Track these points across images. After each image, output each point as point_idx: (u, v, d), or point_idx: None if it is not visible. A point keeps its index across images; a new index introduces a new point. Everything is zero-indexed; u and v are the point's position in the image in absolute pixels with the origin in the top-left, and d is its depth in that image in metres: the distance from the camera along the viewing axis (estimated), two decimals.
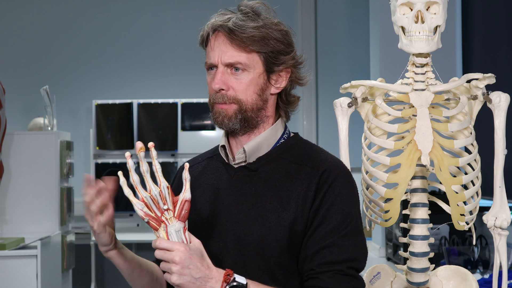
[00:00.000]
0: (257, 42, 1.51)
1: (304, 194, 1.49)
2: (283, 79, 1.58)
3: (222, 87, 1.53)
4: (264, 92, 1.56)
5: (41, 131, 4.17)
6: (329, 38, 5.61)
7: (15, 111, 5.29)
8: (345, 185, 1.51)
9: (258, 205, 1.51)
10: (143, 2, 5.71)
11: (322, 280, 1.43)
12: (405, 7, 1.72)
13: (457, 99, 1.79)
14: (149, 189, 1.40)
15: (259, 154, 1.57)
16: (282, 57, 1.55)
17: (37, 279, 3.49)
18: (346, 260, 1.44)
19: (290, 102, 1.62)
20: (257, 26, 1.52)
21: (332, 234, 1.45)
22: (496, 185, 1.77)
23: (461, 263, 2.81)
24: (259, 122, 1.57)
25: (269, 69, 1.55)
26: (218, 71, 1.53)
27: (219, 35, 1.53)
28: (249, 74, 1.53)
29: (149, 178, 1.41)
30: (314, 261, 1.44)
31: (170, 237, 1.39)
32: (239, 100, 1.53)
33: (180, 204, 1.40)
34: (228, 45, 1.52)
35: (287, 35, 1.57)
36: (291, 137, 1.62)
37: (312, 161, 1.54)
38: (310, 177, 1.51)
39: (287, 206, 1.49)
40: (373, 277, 1.83)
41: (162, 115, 5.28)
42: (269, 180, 1.53)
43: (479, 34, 3.54)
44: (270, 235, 1.47)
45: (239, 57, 1.51)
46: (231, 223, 1.52)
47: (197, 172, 1.67)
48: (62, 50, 5.64)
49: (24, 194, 3.86)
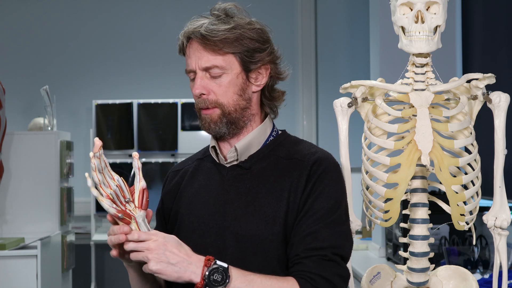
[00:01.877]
0: (230, 43, 1.54)
1: (296, 185, 1.52)
2: (262, 76, 1.60)
3: (202, 92, 1.56)
4: (245, 92, 1.58)
5: (41, 131, 4.17)
6: (329, 38, 5.60)
7: (15, 111, 5.29)
8: (334, 176, 1.54)
9: (254, 201, 1.53)
10: (143, 2, 5.71)
11: (305, 264, 1.45)
12: (405, 7, 1.72)
13: (457, 99, 1.79)
14: (108, 185, 1.43)
15: (250, 153, 1.60)
16: (257, 54, 1.57)
17: (37, 279, 3.49)
18: (330, 247, 1.46)
19: (274, 98, 1.64)
20: (229, 28, 1.54)
21: (317, 221, 1.48)
22: (496, 185, 1.77)
23: (461, 263, 2.81)
24: (245, 121, 1.60)
25: (246, 68, 1.57)
26: (197, 76, 1.57)
27: (193, 42, 1.57)
28: (227, 76, 1.56)
29: (106, 174, 1.44)
30: (299, 247, 1.47)
31: (140, 228, 1.42)
32: (220, 104, 1.56)
33: (139, 193, 1.44)
34: (203, 51, 1.55)
35: (262, 33, 1.59)
36: (279, 134, 1.66)
37: (302, 153, 1.58)
38: (301, 168, 1.54)
39: (280, 198, 1.52)
40: (373, 277, 1.83)
41: (162, 115, 5.28)
42: (262, 177, 1.56)
43: (479, 34, 3.54)
44: (267, 230, 1.50)
45: (214, 61, 1.55)
46: (228, 221, 1.53)
47: (189, 174, 1.69)
48: (62, 50, 5.64)
49: (24, 194, 3.86)
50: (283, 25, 5.52)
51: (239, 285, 1.40)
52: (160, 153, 5.30)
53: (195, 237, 1.56)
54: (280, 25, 5.47)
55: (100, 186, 1.42)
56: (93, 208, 5.11)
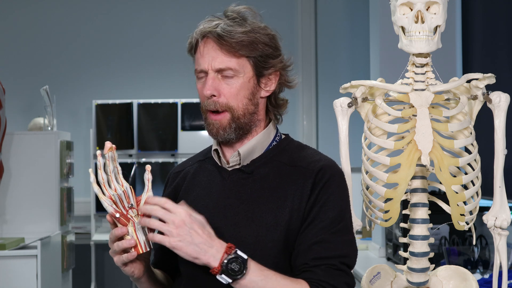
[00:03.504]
0: (246, 46, 1.53)
1: (300, 193, 1.51)
2: (272, 82, 1.59)
3: (213, 93, 1.54)
4: (255, 96, 1.57)
5: (41, 131, 4.17)
6: (329, 38, 5.60)
7: (15, 111, 5.29)
8: (338, 185, 1.54)
9: (255, 206, 1.52)
10: (142, 3, 5.71)
11: (315, 272, 1.45)
12: (405, 7, 1.72)
13: (457, 99, 1.79)
14: (114, 188, 1.43)
15: (253, 157, 1.59)
16: (271, 60, 1.57)
17: (37, 279, 3.49)
18: (338, 256, 1.48)
19: (279, 105, 1.64)
20: (245, 31, 1.53)
21: (323, 230, 1.48)
22: (496, 185, 1.77)
23: (461, 263, 2.81)
24: (251, 126, 1.59)
25: (259, 73, 1.56)
26: (209, 77, 1.54)
27: (208, 41, 1.54)
28: (239, 79, 1.54)
29: (114, 177, 1.44)
30: (307, 256, 1.47)
31: (138, 234, 1.42)
32: (231, 107, 1.54)
33: (144, 202, 1.44)
34: (218, 51, 1.53)
35: (274, 39, 1.59)
36: (283, 139, 1.65)
37: (306, 161, 1.57)
38: (305, 176, 1.53)
39: (282, 205, 1.51)
40: (373, 277, 1.83)
41: (162, 115, 5.28)
42: (264, 182, 1.55)
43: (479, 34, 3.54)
44: (267, 236, 1.49)
45: (229, 63, 1.53)
46: (227, 225, 1.52)
47: (190, 174, 1.68)
48: (62, 50, 5.64)
49: (24, 194, 3.86)
50: (283, 25, 5.51)
51: (254, 278, 1.39)
52: (160, 153, 5.30)
53: None
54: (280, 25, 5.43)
55: (104, 186, 1.43)
56: (93, 208, 5.11)
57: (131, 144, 5.24)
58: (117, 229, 1.43)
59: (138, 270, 1.50)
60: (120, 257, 1.45)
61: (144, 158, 5.25)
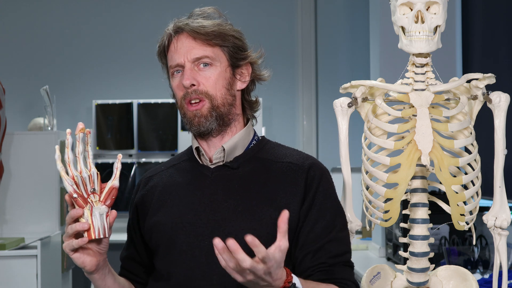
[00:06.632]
0: (218, 37, 1.58)
1: (292, 189, 1.54)
2: (246, 75, 1.64)
3: (193, 82, 1.57)
4: (232, 87, 1.61)
5: (41, 131, 4.17)
6: (329, 38, 5.60)
7: (15, 111, 5.29)
8: (330, 182, 1.61)
9: (244, 200, 1.53)
10: (142, 3, 5.71)
11: (335, 271, 1.51)
12: (405, 7, 1.72)
13: (457, 99, 1.79)
14: (79, 170, 1.43)
15: (235, 154, 1.61)
16: (243, 52, 1.62)
17: (37, 279, 3.49)
18: (346, 252, 1.56)
19: (252, 102, 1.68)
20: (214, 23, 1.59)
21: (330, 229, 1.53)
22: (496, 185, 1.77)
23: (461, 263, 2.81)
24: (231, 120, 1.61)
25: (233, 63, 1.61)
26: (186, 68, 1.58)
27: (181, 37, 1.61)
28: (216, 69, 1.58)
29: (81, 160, 1.44)
30: (322, 255, 1.51)
31: (93, 218, 1.41)
32: (210, 96, 1.57)
33: (108, 189, 1.44)
34: (193, 42, 1.58)
35: (241, 34, 1.64)
36: (261, 140, 1.68)
37: (293, 157, 1.61)
38: (296, 173, 1.56)
39: (274, 202, 1.52)
40: (373, 277, 1.83)
41: (162, 115, 5.28)
42: (251, 177, 1.57)
43: (479, 34, 3.54)
44: (261, 230, 1.49)
45: (205, 51, 1.57)
46: (218, 220, 1.53)
47: (165, 179, 1.66)
48: (62, 50, 5.64)
49: (24, 194, 3.86)
50: (283, 25, 5.51)
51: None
52: (160, 153, 5.29)
53: (182, 241, 1.54)
54: (280, 25, 5.47)
55: (68, 165, 1.42)
56: None
57: (131, 144, 5.24)
58: (73, 210, 1.41)
59: (89, 263, 1.47)
60: (71, 241, 1.42)
61: (144, 158, 5.25)
